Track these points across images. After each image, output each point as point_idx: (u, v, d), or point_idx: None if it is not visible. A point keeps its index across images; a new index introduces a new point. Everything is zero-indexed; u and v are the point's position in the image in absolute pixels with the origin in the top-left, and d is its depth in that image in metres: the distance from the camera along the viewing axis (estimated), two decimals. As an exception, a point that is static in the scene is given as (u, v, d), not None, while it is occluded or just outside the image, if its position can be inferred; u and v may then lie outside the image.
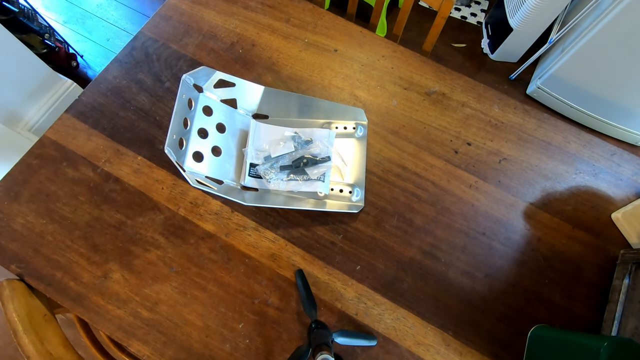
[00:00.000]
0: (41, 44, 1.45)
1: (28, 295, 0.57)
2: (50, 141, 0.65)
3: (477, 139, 0.69)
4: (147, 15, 1.79)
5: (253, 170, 0.63)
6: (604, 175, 0.68)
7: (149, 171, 0.64)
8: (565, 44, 1.45)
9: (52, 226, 0.60)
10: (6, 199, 0.61)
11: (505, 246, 0.63)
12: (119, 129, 0.66)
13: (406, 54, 0.75)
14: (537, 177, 0.67)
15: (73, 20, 1.76)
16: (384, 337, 0.57)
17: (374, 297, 0.59)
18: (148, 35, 0.74)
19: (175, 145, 0.55)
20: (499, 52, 1.71)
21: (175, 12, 0.76)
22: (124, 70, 0.71)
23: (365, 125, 0.68)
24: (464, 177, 0.66)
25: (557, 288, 0.61)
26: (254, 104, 0.67)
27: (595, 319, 0.59)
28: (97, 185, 0.63)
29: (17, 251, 0.58)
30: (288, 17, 0.77)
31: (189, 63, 0.72)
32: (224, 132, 0.64)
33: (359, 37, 0.76)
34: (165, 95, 0.69)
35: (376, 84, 0.73)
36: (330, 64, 0.74)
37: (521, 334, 0.58)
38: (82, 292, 0.57)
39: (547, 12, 1.40)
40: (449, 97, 0.72)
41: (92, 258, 0.59)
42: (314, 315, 0.52)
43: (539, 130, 0.70)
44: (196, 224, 0.61)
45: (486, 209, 0.65)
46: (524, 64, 1.65)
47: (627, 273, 0.58)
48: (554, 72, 1.47)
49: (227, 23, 0.76)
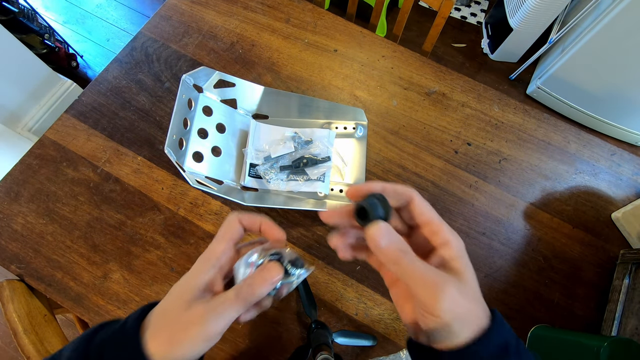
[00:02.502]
0: (41, 44, 1.45)
1: (28, 295, 0.57)
2: (50, 141, 0.65)
3: (477, 139, 0.69)
4: (147, 15, 1.79)
5: (253, 171, 0.63)
6: (604, 175, 0.68)
7: (149, 171, 0.64)
8: (565, 44, 1.45)
9: (52, 226, 0.60)
10: (6, 199, 0.61)
11: (505, 246, 0.63)
12: (119, 129, 0.66)
13: (406, 54, 0.75)
14: (537, 177, 0.67)
15: (73, 20, 1.76)
16: (384, 337, 0.57)
17: (374, 297, 0.59)
18: (148, 35, 0.74)
19: (175, 145, 0.55)
20: (499, 52, 1.71)
21: (175, 12, 0.76)
22: (124, 71, 0.71)
23: (365, 125, 0.68)
24: (464, 177, 0.66)
25: (557, 288, 0.61)
26: (253, 104, 0.67)
27: (595, 319, 0.59)
28: (97, 186, 0.63)
29: (17, 251, 0.58)
30: (288, 17, 0.77)
31: (189, 63, 0.72)
32: (223, 132, 0.64)
33: (359, 37, 0.76)
34: (165, 95, 0.69)
35: (376, 84, 0.73)
36: (330, 64, 0.74)
37: (521, 334, 0.58)
38: (82, 293, 0.57)
39: (547, 12, 1.40)
40: (449, 97, 0.72)
41: (92, 258, 0.59)
42: (314, 315, 0.52)
43: (539, 130, 0.70)
44: (196, 224, 0.61)
45: (486, 209, 0.65)
46: (524, 64, 1.65)
47: (627, 273, 0.58)
48: (554, 72, 1.47)
49: (227, 23, 0.76)
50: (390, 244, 0.26)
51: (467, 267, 0.26)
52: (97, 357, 0.25)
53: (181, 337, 0.26)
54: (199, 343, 0.26)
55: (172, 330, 0.26)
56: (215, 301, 0.27)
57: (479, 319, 0.25)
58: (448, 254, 0.26)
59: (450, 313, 0.24)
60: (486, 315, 0.26)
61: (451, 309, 0.24)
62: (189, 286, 0.28)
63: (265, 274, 0.28)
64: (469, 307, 0.25)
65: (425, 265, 0.25)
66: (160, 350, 0.25)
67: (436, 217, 0.28)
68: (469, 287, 0.25)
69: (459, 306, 0.24)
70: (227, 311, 0.27)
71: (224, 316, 0.27)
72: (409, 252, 0.26)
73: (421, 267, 0.25)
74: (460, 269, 0.26)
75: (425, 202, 0.28)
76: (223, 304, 0.27)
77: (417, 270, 0.25)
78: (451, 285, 0.24)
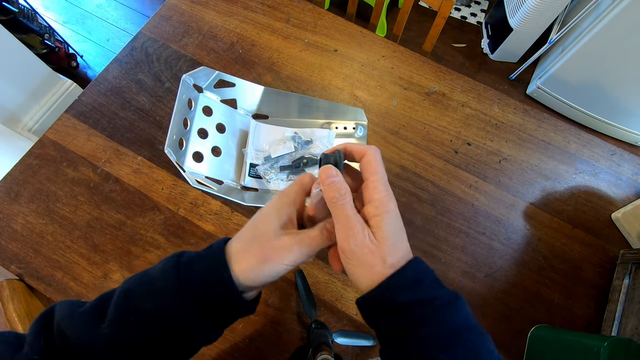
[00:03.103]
0: (41, 44, 1.45)
1: (28, 295, 0.57)
2: (50, 141, 0.65)
3: (477, 139, 0.69)
4: (147, 15, 1.79)
5: (253, 171, 0.63)
6: (604, 175, 0.68)
7: (149, 171, 0.64)
8: (565, 44, 1.45)
9: (52, 226, 0.60)
10: (6, 199, 0.61)
11: (505, 246, 0.63)
12: (119, 129, 0.66)
13: (406, 54, 0.75)
14: (537, 177, 0.67)
15: (73, 20, 1.76)
16: (384, 337, 0.57)
17: (374, 297, 0.59)
18: (148, 35, 0.74)
19: (175, 145, 0.55)
20: (499, 52, 1.71)
21: (175, 12, 0.76)
22: (124, 71, 0.71)
23: (365, 126, 0.68)
24: (464, 177, 0.66)
25: (557, 288, 0.61)
26: (253, 104, 0.67)
27: (595, 319, 0.59)
28: (97, 186, 0.63)
29: (17, 251, 0.58)
30: (288, 17, 0.77)
31: (189, 63, 0.72)
32: (223, 133, 0.64)
33: (358, 37, 0.76)
34: (165, 95, 0.69)
35: (376, 84, 0.73)
36: (330, 64, 0.74)
37: (521, 334, 0.58)
38: (82, 293, 0.57)
39: (547, 12, 1.40)
40: (449, 97, 0.72)
41: (92, 258, 0.59)
42: (314, 315, 0.52)
43: (539, 130, 0.70)
44: (196, 224, 0.61)
45: (486, 209, 0.65)
46: (524, 64, 1.65)
47: (627, 273, 0.58)
48: (554, 72, 1.47)
49: (227, 23, 0.76)
50: (332, 184, 0.30)
51: (382, 222, 0.29)
52: (186, 267, 0.29)
53: (274, 257, 0.30)
54: (283, 266, 0.30)
55: (264, 252, 0.30)
56: (303, 235, 0.31)
57: (383, 265, 0.28)
58: (368, 211, 0.30)
59: (355, 254, 0.28)
60: (404, 261, 0.29)
61: (356, 250, 0.28)
62: (272, 221, 0.31)
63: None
64: (375, 251, 0.28)
65: (353, 210, 0.29)
66: (249, 266, 0.29)
67: (377, 175, 0.30)
68: (381, 237, 0.28)
69: (366, 248, 0.28)
70: (313, 244, 0.31)
71: (311, 247, 0.31)
72: (345, 197, 0.29)
73: (350, 212, 0.29)
74: (375, 224, 0.29)
75: (376, 160, 0.31)
76: (310, 238, 0.31)
77: (347, 212, 0.29)
78: (364, 229, 0.28)
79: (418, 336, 0.26)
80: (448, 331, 0.26)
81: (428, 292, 0.27)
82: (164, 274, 0.29)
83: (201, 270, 0.29)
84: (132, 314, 0.28)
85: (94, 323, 0.28)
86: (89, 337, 0.28)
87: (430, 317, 0.26)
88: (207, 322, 0.30)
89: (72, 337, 0.28)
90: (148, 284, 0.29)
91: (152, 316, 0.28)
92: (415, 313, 0.27)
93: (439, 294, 0.28)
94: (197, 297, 0.29)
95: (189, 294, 0.28)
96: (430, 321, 0.26)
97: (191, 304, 0.28)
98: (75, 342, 0.28)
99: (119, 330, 0.28)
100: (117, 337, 0.28)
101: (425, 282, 0.28)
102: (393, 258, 0.28)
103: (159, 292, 0.29)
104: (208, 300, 0.29)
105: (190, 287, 0.29)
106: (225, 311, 0.30)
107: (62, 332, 0.28)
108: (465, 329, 0.27)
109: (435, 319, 0.26)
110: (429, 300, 0.27)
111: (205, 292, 0.29)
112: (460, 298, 0.28)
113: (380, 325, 0.29)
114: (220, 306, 0.29)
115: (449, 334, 0.26)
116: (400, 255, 0.29)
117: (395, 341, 0.28)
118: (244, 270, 0.29)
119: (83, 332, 0.28)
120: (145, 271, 0.31)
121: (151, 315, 0.28)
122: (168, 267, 0.30)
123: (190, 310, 0.28)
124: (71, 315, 0.29)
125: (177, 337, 0.29)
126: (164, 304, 0.28)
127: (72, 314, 0.29)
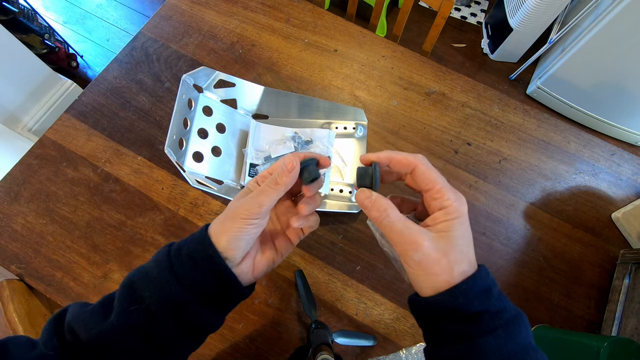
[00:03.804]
0: (41, 44, 1.45)
1: (28, 295, 0.57)
2: (50, 141, 0.65)
3: (477, 139, 0.69)
4: (147, 15, 1.79)
5: (253, 171, 0.63)
6: (604, 175, 0.68)
7: (149, 171, 0.64)
8: (565, 44, 1.45)
9: (52, 226, 0.60)
10: (6, 199, 0.61)
11: (505, 246, 0.63)
12: (119, 129, 0.66)
13: (406, 54, 0.75)
14: (537, 177, 0.67)
15: (73, 20, 1.76)
16: (384, 337, 0.57)
17: (374, 297, 0.59)
18: (148, 35, 0.74)
19: (175, 145, 0.55)
20: (499, 52, 1.71)
21: (175, 12, 0.76)
22: (124, 71, 0.71)
23: (365, 126, 0.68)
24: (464, 177, 0.66)
25: (557, 288, 0.61)
26: (253, 104, 0.67)
27: (595, 319, 0.59)
28: (97, 186, 0.63)
29: (17, 251, 0.58)
30: (288, 17, 0.77)
31: (189, 63, 0.72)
32: (224, 133, 0.64)
33: (359, 37, 0.76)
34: (165, 95, 0.69)
35: (376, 84, 0.73)
36: (330, 64, 0.74)
37: (521, 334, 0.58)
38: (82, 293, 0.57)
39: (547, 12, 1.40)
40: (449, 97, 0.72)
41: (92, 258, 0.59)
42: (314, 315, 0.52)
43: (539, 130, 0.70)
44: (196, 224, 0.61)
45: (486, 209, 0.65)
46: (524, 64, 1.65)
47: (627, 273, 0.58)
48: (554, 72, 1.47)
49: (227, 23, 0.76)
50: (370, 205, 0.30)
51: (452, 227, 0.28)
52: (176, 253, 0.31)
53: (237, 221, 0.31)
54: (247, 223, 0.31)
55: (235, 224, 0.31)
56: (259, 188, 0.33)
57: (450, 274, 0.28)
58: (436, 216, 0.29)
59: (420, 265, 0.28)
60: (472, 268, 0.29)
61: (421, 261, 0.28)
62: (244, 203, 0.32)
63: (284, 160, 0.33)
64: (441, 260, 0.28)
65: (404, 223, 0.29)
66: (227, 240, 0.31)
67: (439, 184, 0.30)
68: (450, 245, 0.28)
69: (430, 259, 0.27)
70: (268, 191, 0.32)
71: (268, 196, 0.32)
72: (387, 211, 0.29)
73: (399, 225, 0.29)
74: (444, 228, 0.28)
75: (430, 169, 0.31)
76: (261, 190, 0.32)
77: (395, 227, 0.29)
78: (425, 240, 0.28)
79: (485, 345, 0.27)
80: (515, 345, 0.27)
81: (497, 304, 0.28)
82: (158, 263, 0.31)
83: (189, 251, 0.31)
84: (136, 303, 0.30)
85: (102, 317, 0.30)
86: (98, 330, 0.29)
87: (500, 329, 0.27)
88: (205, 305, 0.31)
89: (81, 332, 0.29)
90: (145, 274, 0.31)
91: (154, 304, 0.30)
92: (484, 322, 0.27)
93: (506, 307, 0.28)
94: (190, 277, 0.30)
95: (182, 277, 0.30)
96: (499, 333, 0.27)
97: (186, 287, 0.30)
98: (85, 336, 0.29)
99: (125, 319, 0.29)
100: (125, 326, 0.29)
101: (493, 293, 0.28)
102: (461, 266, 0.28)
103: (155, 280, 0.30)
104: (200, 279, 0.30)
105: (182, 269, 0.30)
106: (218, 289, 0.31)
107: (72, 329, 0.30)
108: (530, 347, 0.28)
109: (504, 331, 0.27)
110: (498, 311, 0.27)
111: (196, 268, 0.30)
112: (524, 315, 0.29)
113: (445, 329, 0.29)
114: (212, 282, 0.31)
115: (516, 348, 0.27)
116: (467, 262, 0.29)
117: (457, 345, 0.28)
118: (225, 246, 0.31)
119: (91, 327, 0.29)
120: (142, 265, 0.33)
121: (153, 303, 0.30)
122: (161, 256, 0.32)
123: (186, 293, 0.30)
124: (80, 313, 0.31)
125: (180, 323, 0.31)
126: (162, 291, 0.30)
127: (81, 312, 0.31)
